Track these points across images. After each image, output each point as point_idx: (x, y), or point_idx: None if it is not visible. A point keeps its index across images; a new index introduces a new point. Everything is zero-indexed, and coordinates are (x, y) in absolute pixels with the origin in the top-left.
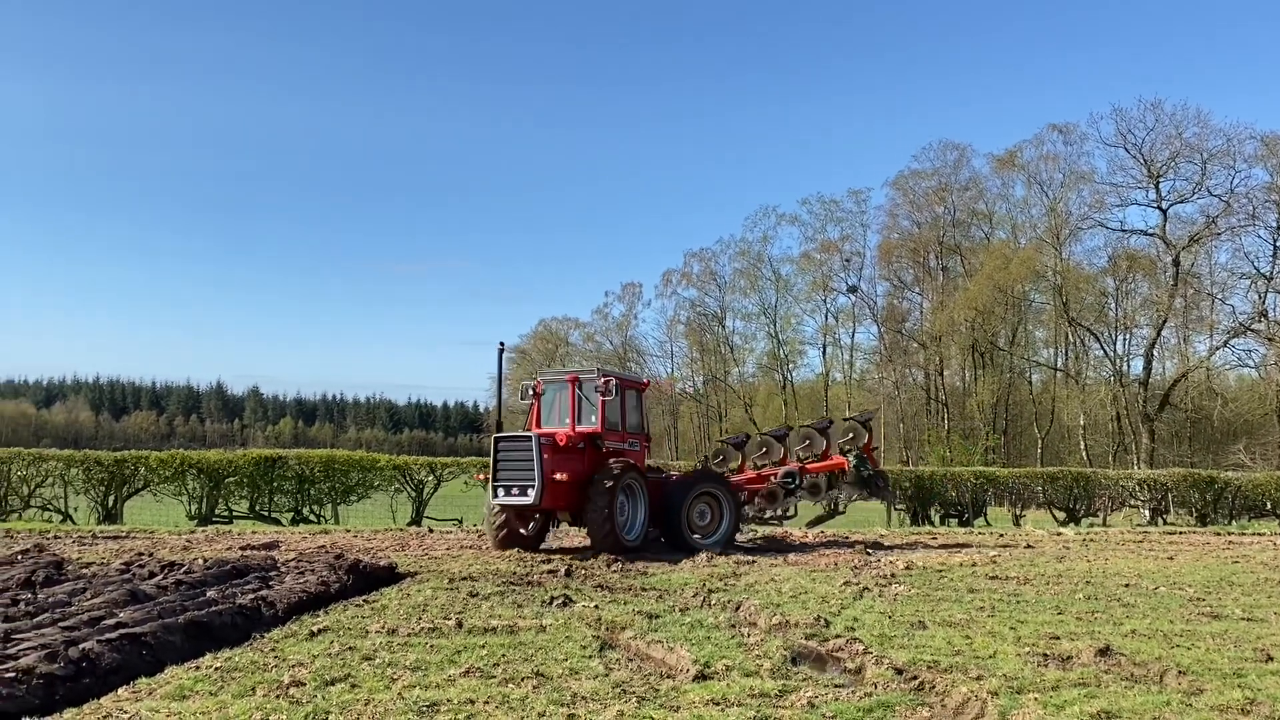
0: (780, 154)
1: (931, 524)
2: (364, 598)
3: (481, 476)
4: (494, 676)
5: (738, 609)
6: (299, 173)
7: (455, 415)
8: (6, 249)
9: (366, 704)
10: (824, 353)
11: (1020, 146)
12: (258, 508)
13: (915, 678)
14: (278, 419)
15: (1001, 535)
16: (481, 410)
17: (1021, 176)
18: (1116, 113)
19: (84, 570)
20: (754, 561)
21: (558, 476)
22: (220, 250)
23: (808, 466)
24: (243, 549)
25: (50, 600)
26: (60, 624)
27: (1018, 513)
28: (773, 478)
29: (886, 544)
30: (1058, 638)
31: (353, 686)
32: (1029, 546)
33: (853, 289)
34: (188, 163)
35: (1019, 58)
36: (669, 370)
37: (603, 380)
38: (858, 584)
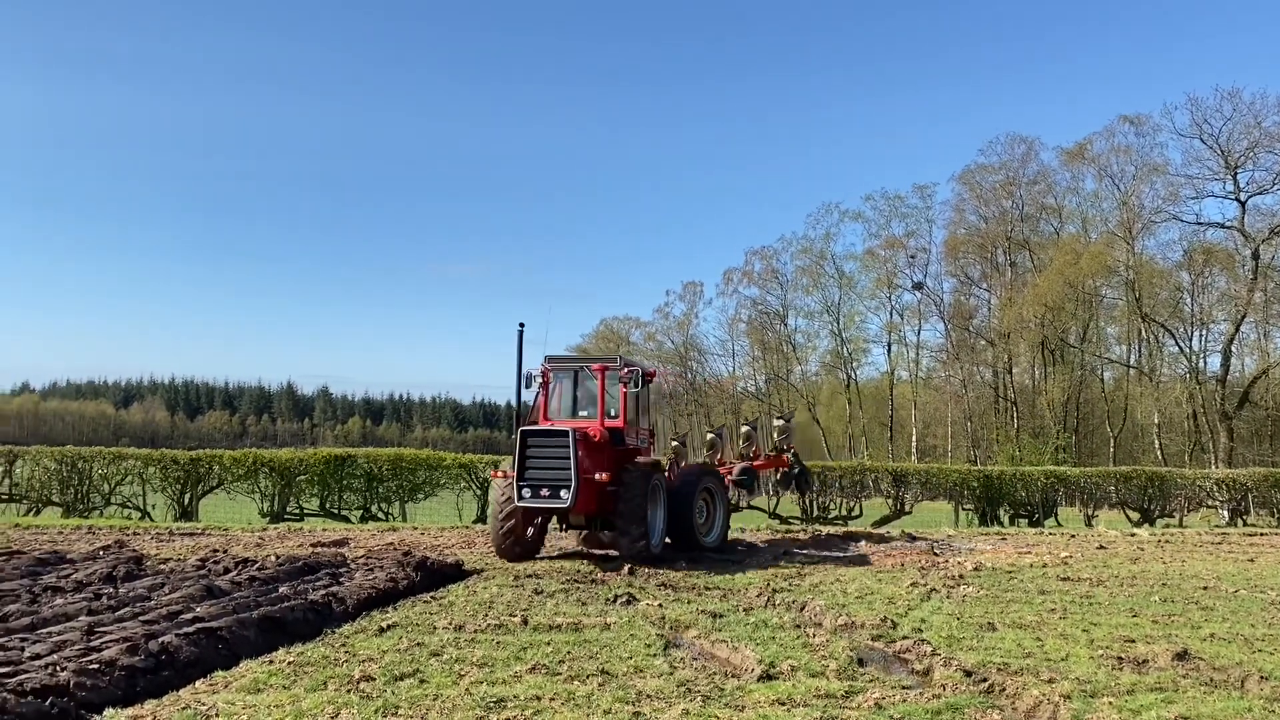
0: (843, 150)
1: (1000, 524)
2: (431, 594)
3: (499, 474)
4: (559, 673)
5: (802, 609)
6: (366, 177)
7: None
8: (89, 256)
9: (435, 699)
10: (889, 351)
11: (1090, 139)
12: (328, 505)
13: (985, 680)
14: (346, 418)
15: (1073, 536)
16: None
17: (1092, 169)
18: (1191, 102)
19: (162, 566)
20: (819, 562)
21: (598, 477)
22: (291, 254)
23: (755, 464)
24: (313, 546)
25: (131, 595)
26: (140, 618)
27: (1090, 513)
28: (728, 475)
29: (954, 544)
30: (1133, 641)
31: (421, 682)
32: (1102, 548)
33: (918, 286)
34: (260, 169)
35: (1087, 49)
36: (730, 369)
37: (626, 370)
38: (925, 585)
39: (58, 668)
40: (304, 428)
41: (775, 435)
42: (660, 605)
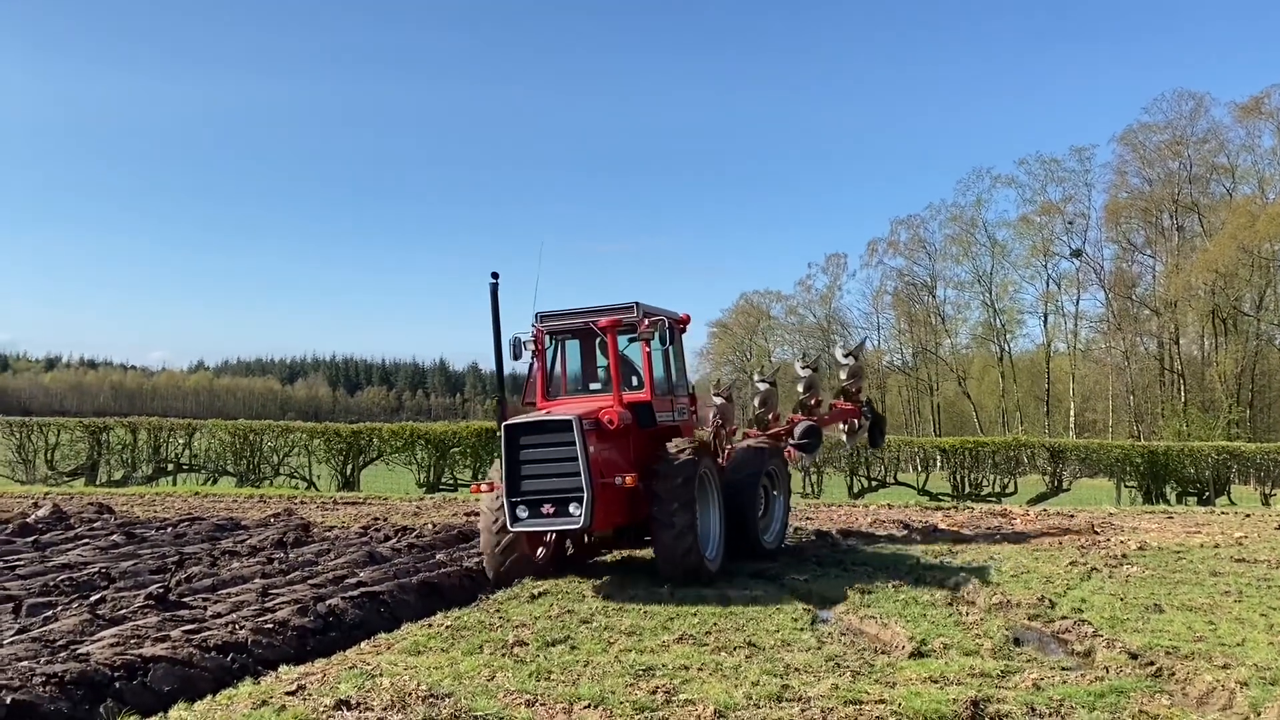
0: (994, 113)
1: (1167, 503)
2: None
3: (482, 488)
4: (706, 644)
5: (955, 587)
6: (512, 156)
7: None
8: (256, 242)
9: (585, 665)
10: (1045, 322)
11: (1268, 91)
12: (480, 476)
13: (1152, 663)
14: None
15: (1248, 516)
16: None
17: (1270, 125)
18: None
19: (327, 533)
20: (971, 539)
21: (619, 481)
22: (443, 235)
23: (824, 419)
24: (467, 515)
25: (300, 559)
26: (309, 581)
27: (1267, 491)
28: (788, 438)
29: (1116, 523)
30: None
31: (572, 648)
32: None
33: (1076, 253)
34: (405, 152)
35: None
36: (875, 343)
37: (646, 321)
38: (1085, 564)
39: (237, 626)
40: (455, 402)
41: (841, 376)
42: (806, 580)
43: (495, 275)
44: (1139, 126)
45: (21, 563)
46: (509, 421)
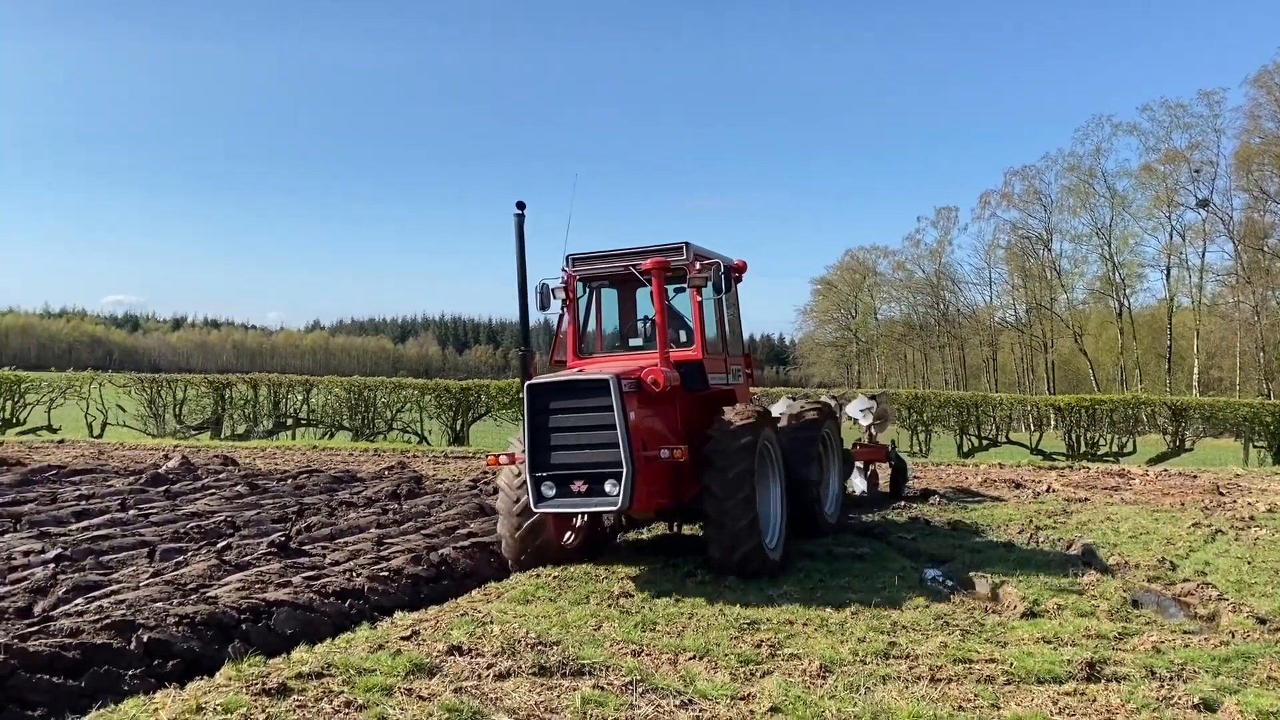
0: (1114, 58)
1: None
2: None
3: (501, 461)
4: (812, 600)
5: (1069, 547)
6: (613, 113)
7: (761, 348)
8: (371, 206)
9: (690, 618)
10: (1168, 275)
11: None
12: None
13: None
14: None
15: None
16: (787, 342)
17: None
18: None
19: (439, 485)
20: (1086, 499)
21: (665, 454)
22: (541, 195)
23: (857, 453)
24: None
25: (413, 511)
26: (422, 531)
27: None
28: None
29: (1243, 484)
30: None
31: (677, 600)
32: None
33: (1203, 203)
34: (508, 116)
35: None
36: (987, 298)
37: (698, 264)
38: (1209, 526)
39: (354, 574)
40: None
41: (862, 420)
42: (914, 539)
43: (521, 205)
44: (1275, 67)
45: (154, 511)
46: (533, 381)
